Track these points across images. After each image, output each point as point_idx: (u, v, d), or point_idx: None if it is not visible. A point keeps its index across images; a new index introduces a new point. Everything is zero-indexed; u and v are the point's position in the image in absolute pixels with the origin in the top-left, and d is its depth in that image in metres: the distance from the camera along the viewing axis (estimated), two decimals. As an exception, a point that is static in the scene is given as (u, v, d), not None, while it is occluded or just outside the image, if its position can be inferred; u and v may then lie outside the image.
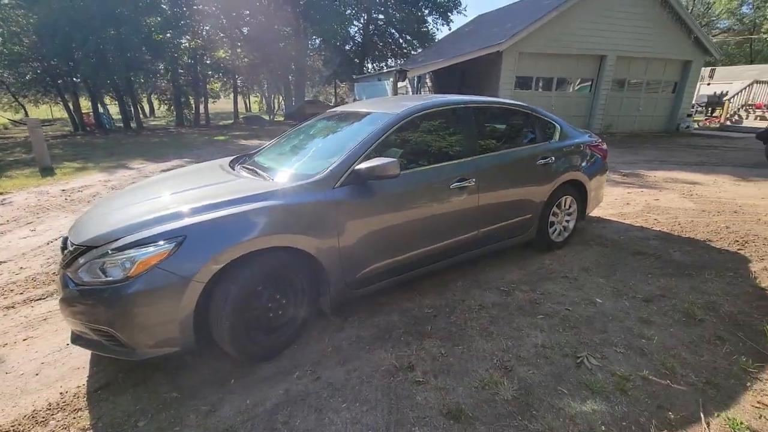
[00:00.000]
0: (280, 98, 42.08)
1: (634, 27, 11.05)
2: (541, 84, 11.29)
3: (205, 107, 25.50)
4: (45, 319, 2.82)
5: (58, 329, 2.69)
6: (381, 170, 2.36)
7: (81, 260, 2.04)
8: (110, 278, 1.94)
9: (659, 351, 2.30)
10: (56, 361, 2.37)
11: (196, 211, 2.13)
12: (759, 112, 12.99)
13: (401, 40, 24.55)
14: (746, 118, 13.03)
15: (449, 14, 21.34)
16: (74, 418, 1.94)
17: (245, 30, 22.15)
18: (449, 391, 2.03)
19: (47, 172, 8.35)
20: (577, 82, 11.63)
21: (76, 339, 2.18)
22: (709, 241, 3.94)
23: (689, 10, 10.76)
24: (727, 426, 1.78)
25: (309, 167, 2.68)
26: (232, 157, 3.55)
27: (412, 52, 24.60)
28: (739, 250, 3.70)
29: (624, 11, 10.85)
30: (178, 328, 1.99)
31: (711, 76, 14.67)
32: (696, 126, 13.51)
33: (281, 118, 27.44)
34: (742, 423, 1.78)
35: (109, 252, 1.98)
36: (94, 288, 1.96)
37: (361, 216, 2.47)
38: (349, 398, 2.00)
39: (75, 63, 17.73)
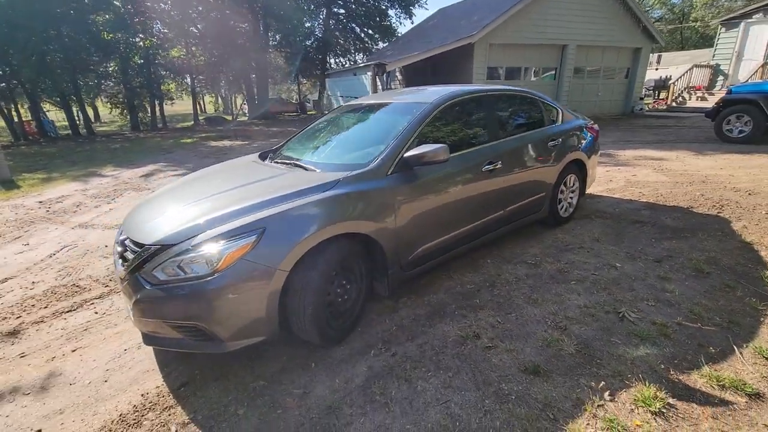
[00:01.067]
0: (238, 98, 40.79)
1: (590, 18, 11.81)
2: (510, 73, 11.79)
3: (161, 110, 24.29)
4: (86, 330, 2.74)
5: (105, 337, 2.64)
6: (432, 156, 2.50)
7: (156, 260, 2.04)
8: (196, 274, 1.96)
9: (683, 301, 2.62)
10: (120, 366, 2.34)
11: (266, 204, 2.18)
12: (699, 94, 14.30)
13: (363, 35, 24.54)
14: (689, 100, 14.31)
15: (411, 8, 21.57)
16: (169, 415, 1.95)
17: (201, 27, 21.26)
18: (519, 352, 2.23)
19: (8, 185, 7.77)
20: (543, 71, 12.26)
21: (151, 340, 2.17)
22: (691, 208, 4.41)
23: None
24: (757, 353, 2.10)
25: (356, 158, 2.76)
26: (258, 153, 3.57)
27: (375, 47, 24.67)
28: (718, 213, 4.19)
29: (580, 3, 11.57)
30: (265, 317, 2.05)
31: (658, 62, 15.95)
32: (647, 108, 14.64)
33: (244, 118, 26.67)
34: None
35: (191, 248, 1.99)
36: (178, 285, 1.97)
37: (410, 200, 2.60)
38: (432, 367, 2.15)
39: (13, 67, 16.31)
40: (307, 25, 21.57)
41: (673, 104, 14.50)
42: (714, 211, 4.25)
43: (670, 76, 15.44)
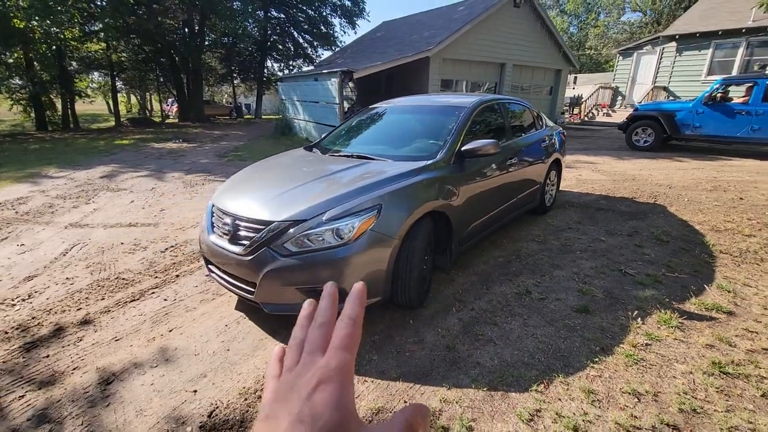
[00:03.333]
0: (153, 97, 37.74)
1: (524, 42, 13.52)
2: (459, 86, 12.97)
3: (72, 108, 21.70)
4: (167, 314, 2.83)
5: (194, 318, 2.77)
6: (485, 150, 3.07)
7: (288, 234, 2.32)
8: (329, 243, 2.29)
9: (659, 260, 3.53)
10: (233, 338, 2.53)
11: (372, 187, 2.56)
12: (605, 111, 16.99)
13: (304, 42, 24.54)
14: (597, 115, 16.92)
15: (355, 19, 22.21)
16: (311, 366, 2.24)
17: (128, 20, 19.56)
18: (564, 300, 2.89)
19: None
20: (486, 85, 13.66)
21: (276, 308, 2.41)
22: (634, 198, 5.58)
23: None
24: (719, 288, 3.01)
25: (418, 150, 3.25)
26: (303, 147, 3.86)
27: (317, 55, 24.83)
28: (655, 201, 5.38)
29: (515, 28, 13.20)
30: (383, 280, 2.44)
31: (574, 82, 18.61)
32: (566, 122, 16.96)
33: (175, 120, 24.93)
34: (728, 284, 3.03)
35: (323, 222, 2.32)
36: (312, 254, 2.28)
37: (465, 185, 3.13)
38: (507, 315, 2.71)
39: None
40: (244, 26, 20.96)
41: (586, 119, 17.00)
42: (651, 200, 5.44)
43: (582, 94, 18.08)
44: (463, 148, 3.11)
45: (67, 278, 3.36)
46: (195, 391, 2.08)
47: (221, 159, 9.68)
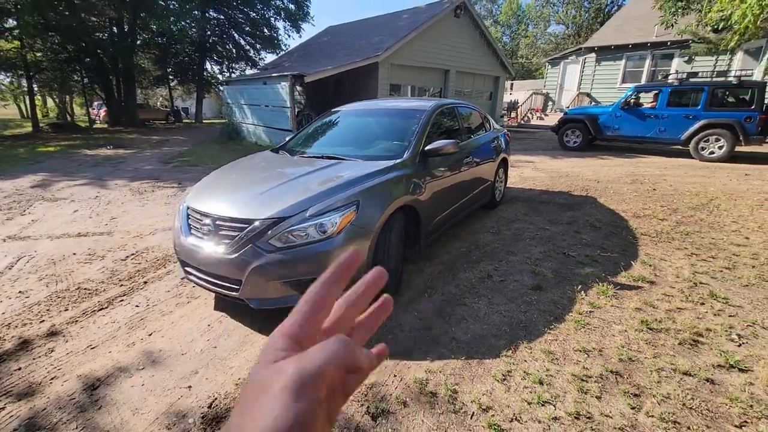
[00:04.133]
0: (75, 100, 34.60)
1: (465, 49, 14.36)
2: (407, 91, 13.45)
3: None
4: (143, 319, 2.80)
5: (173, 321, 2.77)
6: (446, 149, 3.37)
7: (273, 231, 2.44)
8: (313, 238, 2.44)
9: (594, 243, 4.06)
10: (218, 336, 2.58)
11: (347, 185, 2.74)
12: (538, 115, 18.49)
13: (246, 44, 23.87)
14: (532, 119, 18.35)
15: (300, 23, 22.02)
16: (301, 354, 2.37)
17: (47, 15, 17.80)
18: (521, 281, 3.27)
19: None
20: (431, 90, 14.30)
21: (261, 303, 2.50)
22: (570, 192, 6.26)
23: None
24: (643, 263, 3.56)
25: (384, 150, 3.48)
26: (270, 150, 3.93)
27: (260, 58, 24.26)
28: (587, 194, 6.08)
29: (458, 37, 13.99)
30: (364, 271, 2.62)
31: (511, 88, 19.99)
32: (505, 125, 18.20)
33: (103, 125, 23.03)
34: (649, 260, 3.59)
35: (306, 218, 2.46)
36: (298, 248, 2.42)
37: (429, 181, 3.40)
38: (474, 296, 3.02)
39: None
40: (181, 25, 19.96)
41: (522, 122, 18.36)
42: (584, 193, 6.14)
43: (518, 100, 19.50)
44: (426, 148, 3.38)
45: (20, 292, 3.15)
46: (189, 387, 2.12)
47: (167, 165, 9.25)
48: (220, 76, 27.37)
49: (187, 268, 2.82)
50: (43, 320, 2.77)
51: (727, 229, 4.42)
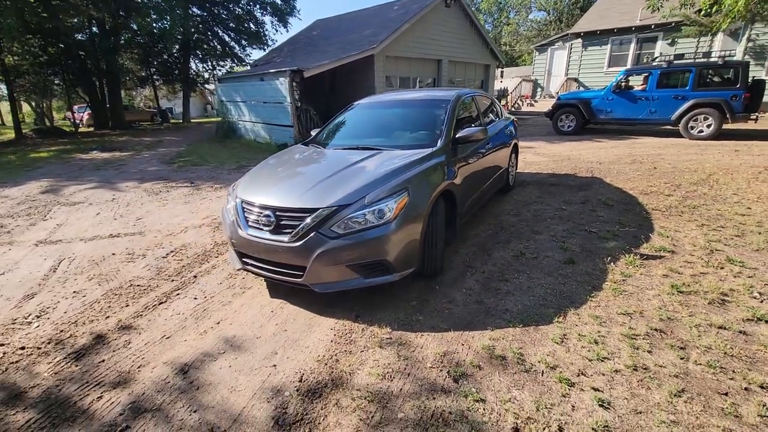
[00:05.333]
0: (53, 105, 33.68)
1: (457, 39, 14.51)
2: (401, 82, 13.55)
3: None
4: (206, 309, 2.92)
5: (235, 309, 2.90)
6: (475, 136, 3.55)
7: (334, 218, 2.59)
8: (372, 223, 2.60)
9: (611, 220, 4.31)
10: (284, 321, 2.73)
11: (396, 174, 2.89)
12: (528, 101, 18.80)
13: (231, 41, 23.52)
14: (523, 106, 18.67)
15: (288, 17, 21.78)
16: (369, 331, 2.54)
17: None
18: (552, 257, 3.49)
19: None
20: (427, 81, 14.44)
21: (325, 287, 2.66)
22: (576, 174, 6.52)
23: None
24: (660, 235, 3.81)
25: (417, 139, 3.63)
26: (302, 144, 4.06)
27: (246, 54, 23.96)
28: (592, 175, 6.35)
29: (448, 27, 14.13)
30: (417, 251, 2.81)
31: (501, 76, 20.26)
32: (496, 112, 18.52)
33: (88, 128, 22.52)
34: (665, 232, 3.85)
35: (365, 205, 2.62)
36: (359, 233, 2.57)
37: (461, 166, 3.58)
38: (513, 272, 3.23)
39: None
40: (164, 24, 19.56)
41: (512, 109, 18.64)
42: (589, 174, 6.41)
43: (507, 87, 19.77)
44: (457, 135, 3.56)
45: (74, 292, 3.24)
46: (274, 365, 2.28)
47: (170, 165, 9.22)
48: (206, 74, 27.00)
49: (245, 260, 2.95)
50: (108, 316, 2.87)
51: (729, 201, 4.73)
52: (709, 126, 9.43)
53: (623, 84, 10.67)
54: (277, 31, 36.27)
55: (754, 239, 3.66)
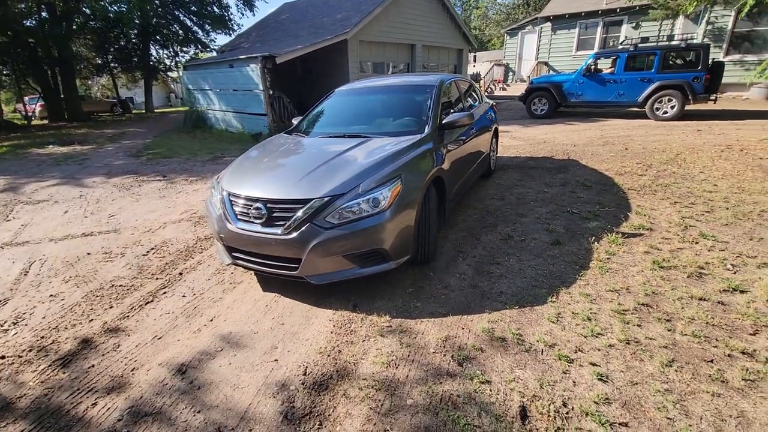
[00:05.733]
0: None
1: (430, 23, 14.39)
2: (375, 68, 13.37)
3: None
4: (196, 307, 2.84)
5: (228, 305, 2.83)
6: (461, 121, 3.55)
7: (329, 208, 2.54)
8: (367, 212, 2.57)
9: (591, 200, 4.45)
10: (280, 315, 2.68)
11: (387, 161, 2.86)
12: (500, 85, 19.00)
13: (194, 25, 22.40)
14: (495, 90, 18.86)
15: (254, 1, 20.91)
16: (369, 320, 2.55)
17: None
18: (539, 239, 3.58)
19: None
20: (401, 66, 14.29)
21: (322, 278, 2.62)
22: (553, 156, 6.68)
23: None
24: (638, 214, 3.98)
25: (403, 126, 3.60)
26: (284, 132, 3.96)
27: (211, 40, 22.94)
28: (569, 158, 6.52)
29: (421, 11, 13.98)
30: (412, 238, 2.81)
31: (474, 60, 20.32)
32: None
33: (42, 121, 21.07)
34: (642, 210, 4.02)
35: (360, 194, 2.59)
36: (354, 223, 2.54)
37: (448, 152, 3.58)
38: (503, 255, 3.30)
39: None
40: (119, 7, 18.37)
41: (485, 93, 18.81)
42: (566, 157, 6.58)
43: (480, 72, 19.89)
44: (443, 121, 3.55)
45: (51, 295, 3.06)
46: (276, 360, 2.25)
47: (138, 158, 8.80)
48: (168, 61, 25.68)
49: (235, 254, 2.87)
50: (92, 319, 2.74)
51: (697, 179, 4.98)
52: (672, 107, 9.84)
53: (593, 67, 10.94)
54: (243, 15, 34.98)
55: (722, 214, 3.88)
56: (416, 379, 2.03)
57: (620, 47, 10.79)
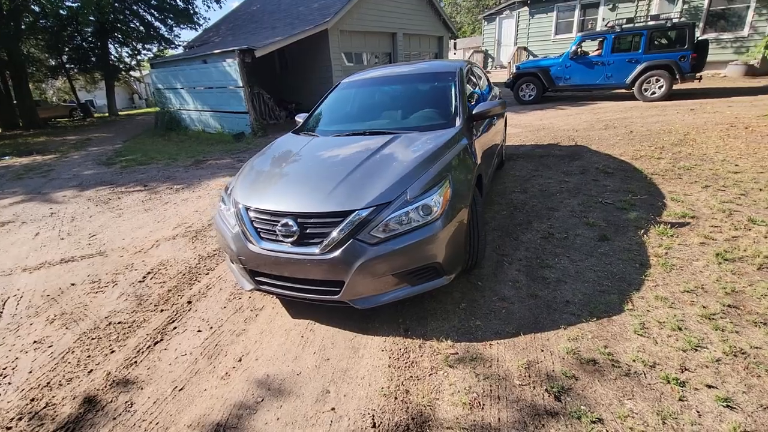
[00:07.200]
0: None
1: (410, 11, 13.94)
2: (357, 58, 12.85)
3: None
4: (217, 344, 2.41)
5: (256, 339, 2.42)
6: (494, 110, 3.21)
7: (374, 221, 2.16)
8: (417, 222, 2.20)
9: (619, 189, 4.22)
10: (322, 347, 2.30)
11: (430, 160, 2.50)
12: (480, 72, 18.84)
13: (156, 21, 21.06)
14: (475, 77, 18.70)
15: (221, -7, 19.78)
16: (429, 345, 2.19)
17: None
18: (582, 234, 3.30)
19: None
20: (383, 55, 13.81)
21: (366, 302, 2.24)
22: (558, 143, 6.46)
23: None
24: (674, 200, 3.77)
25: (430, 118, 3.23)
26: (293, 132, 3.54)
27: (176, 35, 21.66)
28: (576, 144, 6.31)
29: (401, -2, 13.54)
30: (463, 247, 2.46)
31: (455, 47, 20.00)
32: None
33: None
34: (676, 196, 3.81)
35: (408, 201, 2.22)
36: (406, 236, 2.17)
37: (478, 145, 3.23)
38: (551, 256, 3.00)
39: None
40: (73, 4, 17.02)
41: (466, 81, 18.61)
42: (573, 143, 6.37)
43: (460, 59, 19.66)
44: (474, 112, 3.20)
45: (35, 342, 2.56)
46: (332, 409, 1.87)
47: (111, 167, 8.07)
48: (129, 60, 24.17)
49: (259, 278, 2.45)
50: (92, 370, 2.27)
51: (716, 160, 4.84)
52: (660, 87, 9.83)
53: (579, 50, 10.82)
54: (209, 7, 33.03)
55: (759, 196, 3.72)
56: (512, 422, 1.70)
57: (606, 28, 10.70)
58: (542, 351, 2.08)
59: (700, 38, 10.49)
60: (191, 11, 20.30)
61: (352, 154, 2.75)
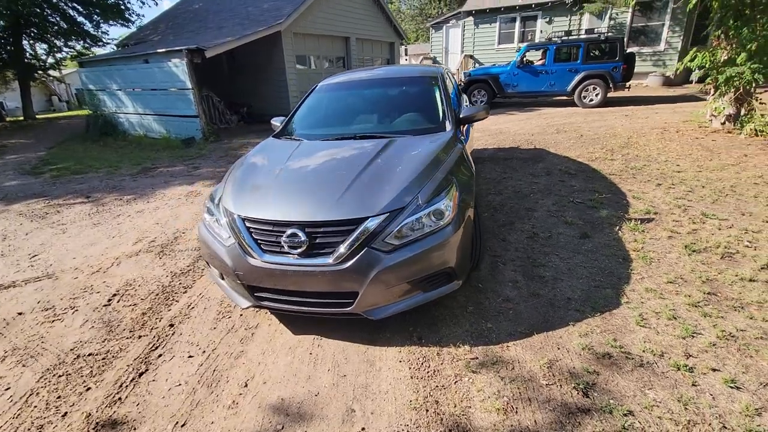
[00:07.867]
0: None
1: (363, 16, 13.95)
2: (312, 61, 12.58)
3: None
4: (215, 370, 2.20)
5: (259, 360, 2.24)
6: (479, 116, 3.28)
7: (389, 227, 2.09)
8: (430, 227, 2.17)
9: (584, 188, 4.50)
10: (335, 363, 2.18)
11: (435, 164, 2.48)
12: (429, 78, 19.36)
13: (79, 15, 19.11)
14: (425, 83, 19.16)
15: (157, -12, 18.38)
16: (447, 352, 2.16)
17: None
18: (563, 233, 3.47)
19: None
20: (336, 60, 13.65)
21: (380, 312, 2.16)
22: (519, 146, 6.78)
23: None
24: (636, 198, 4.09)
25: (417, 123, 3.23)
26: (274, 136, 3.35)
27: (104, 32, 19.86)
28: (535, 147, 6.66)
29: (353, 3, 13.46)
30: (471, 248, 2.46)
31: (406, 53, 20.31)
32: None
33: None
34: (636, 194, 4.14)
35: (420, 205, 2.17)
36: (421, 241, 2.13)
37: (465, 141, 3.29)
38: (541, 255, 3.11)
39: None
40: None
41: (417, 87, 19.00)
42: (531, 146, 6.72)
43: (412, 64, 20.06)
44: (461, 116, 3.24)
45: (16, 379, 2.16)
46: (363, 429, 1.76)
47: (38, 177, 7.16)
48: (46, 57, 21.68)
49: (259, 294, 2.26)
50: (66, 413, 1.96)
51: (660, 160, 5.35)
52: (597, 95, 10.73)
53: (525, 59, 11.50)
54: (144, 3, 30.81)
55: (704, 192, 4.15)
56: (549, 423, 1.71)
57: (546, 40, 11.47)
58: (558, 349, 2.13)
59: (628, 51, 11.58)
60: (122, 7, 18.69)
61: (351, 158, 2.65)
